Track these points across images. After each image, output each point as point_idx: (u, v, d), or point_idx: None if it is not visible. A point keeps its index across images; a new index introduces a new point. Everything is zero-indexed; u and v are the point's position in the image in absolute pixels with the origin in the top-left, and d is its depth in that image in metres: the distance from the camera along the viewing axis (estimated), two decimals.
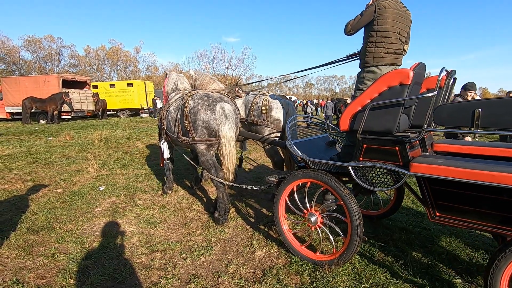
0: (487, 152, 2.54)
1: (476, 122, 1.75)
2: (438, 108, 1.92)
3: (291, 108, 4.11)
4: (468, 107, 1.78)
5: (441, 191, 2.07)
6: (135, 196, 4.27)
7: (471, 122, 1.77)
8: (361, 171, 2.31)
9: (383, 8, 2.54)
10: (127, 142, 9.64)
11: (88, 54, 38.15)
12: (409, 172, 2.03)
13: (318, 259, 2.57)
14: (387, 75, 2.14)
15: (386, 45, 2.62)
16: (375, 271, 2.47)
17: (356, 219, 2.32)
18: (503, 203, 1.84)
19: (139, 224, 3.39)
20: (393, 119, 2.12)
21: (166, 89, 4.33)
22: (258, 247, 2.92)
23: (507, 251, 1.73)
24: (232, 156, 3.26)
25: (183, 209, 3.86)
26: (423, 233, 3.18)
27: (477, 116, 1.74)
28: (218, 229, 3.28)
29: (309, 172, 2.60)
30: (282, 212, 2.83)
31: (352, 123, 2.34)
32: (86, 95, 19.25)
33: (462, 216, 2.03)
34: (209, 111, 3.22)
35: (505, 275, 1.76)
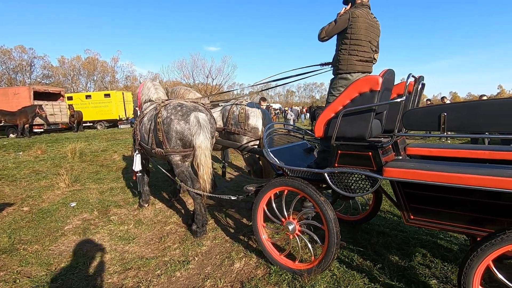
0: (458, 154, 2.63)
1: (442, 126, 1.80)
2: (407, 113, 1.96)
3: (267, 116, 4.11)
4: (435, 111, 1.82)
5: (414, 194, 2.10)
6: (109, 211, 4.07)
7: (438, 126, 1.82)
8: (336, 177, 2.31)
9: (356, 17, 2.61)
10: (103, 154, 9.29)
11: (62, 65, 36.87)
12: (382, 176, 2.05)
13: (297, 268, 2.52)
14: (357, 82, 2.17)
15: (359, 53, 2.68)
16: (353, 277, 2.46)
17: (332, 226, 2.31)
18: (472, 204, 1.88)
19: (112, 240, 3.22)
20: (365, 124, 2.15)
21: (141, 99, 4.21)
22: (237, 259, 2.84)
23: (478, 250, 1.77)
24: (208, 167, 3.19)
25: (160, 223, 3.72)
26: (400, 235, 3.22)
27: (443, 120, 1.79)
28: (196, 242, 3.17)
29: (285, 180, 2.58)
30: (261, 221, 2.78)
31: (326, 129, 2.35)
32: (60, 107, 18.51)
33: (435, 218, 2.07)
34: (182, 121, 3.15)
35: (477, 274, 1.78)
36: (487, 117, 1.67)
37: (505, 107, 1.62)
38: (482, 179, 1.68)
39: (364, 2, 2.72)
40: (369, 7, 2.75)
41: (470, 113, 1.73)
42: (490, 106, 1.67)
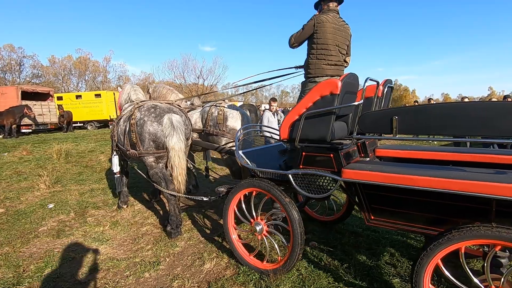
0: (426, 156, 2.70)
1: (394, 129, 1.85)
2: (362, 116, 2.01)
3: (246, 118, 4.14)
4: (387, 115, 1.88)
5: (374, 195, 2.15)
6: (86, 213, 4.06)
7: (391, 129, 1.87)
8: (300, 179, 2.35)
9: (321, 22, 2.67)
10: (89, 155, 9.24)
11: (53, 64, 36.41)
12: (341, 178, 2.10)
13: (264, 268, 2.56)
14: (319, 85, 2.22)
15: (327, 57, 2.74)
16: (319, 276, 2.51)
17: (297, 227, 2.35)
18: (427, 204, 1.94)
19: (86, 242, 3.22)
20: (326, 127, 2.19)
21: (120, 101, 4.22)
22: (208, 259, 2.87)
23: (428, 249, 1.82)
24: (182, 168, 3.21)
25: (136, 224, 3.73)
26: (372, 235, 3.28)
27: (395, 123, 1.84)
28: (169, 243, 3.19)
29: (253, 181, 2.62)
30: (231, 222, 2.81)
31: (291, 132, 2.40)
32: (49, 107, 18.31)
33: (393, 218, 2.12)
34: (155, 123, 3.17)
35: (427, 272, 1.84)
36: (433, 120, 1.73)
37: (450, 110, 1.68)
38: (429, 180, 1.74)
39: (331, 8, 2.78)
40: (337, 12, 2.81)
41: (418, 117, 1.78)
42: (437, 109, 1.73)
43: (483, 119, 1.59)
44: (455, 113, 1.66)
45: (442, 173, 1.77)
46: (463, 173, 1.76)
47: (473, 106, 1.62)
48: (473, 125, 1.62)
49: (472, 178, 1.66)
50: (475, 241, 1.68)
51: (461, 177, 1.68)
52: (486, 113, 1.58)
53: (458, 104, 1.68)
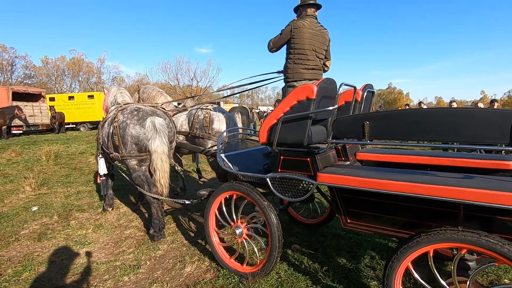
0: (406, 160, 2.73)
1: (366, 134, 1.88)
2: (336, 121, 2.04)
3: (232, 121, 4.16)
4: (359, 120, 1.91)
5: (350, 199, 2.18)
6: (70, 216, 4.03)
7: (363, 134, 1.90)
8: (277, 182, 2.37)
9: (298, 27, 2.71)
10: (79, 157, 9.17)
11: (46, 65, 36.04)
12: (316, 182, 2.12)
13: (244, 271, 2.57)
14: (295, 90, 2.25)
15: (304, 62, 2.77)
16: (297, 279, 2.52)
17: (275, 230, 2.37)
18: (399, 208, 1.98)
19: (67, 245, 3.20)
20: (302, 131, 2.21)
21: (106, 104, 4.20)
22: (189, 263, 2.86)
23: (398, 252, 1.85)
24: (164, 171, 3.21)
25: (120, 227, 3.71)
26: (354, 238, 3.31)
27: (367, 128, 1.87)
28: (152, 246, 3.18)
29: (233, 184, 2.63)
30: (212, 225, 2.82)
31: (269, 135, 2.42)
32: (41, 108, 18.13)
33: (368, 222, 2.15)
34: (138, 126, 3.17)
35: (398, 275, 1.87)
36: (401, 125, 1.76)
37: (416, 116, 1.72)
38: (397, 184, 1.77)
39: (308, 13, 2.83)
40: (315, 17, 2.85)
41: (387, 122, 1.81)
42: (404, 115, 1.76)
43: (447, 124, 1.63)
44: (420, 119, 1.70)
45: (412, 178, 1.80)
46: (432, 178, 1.79)
47: (437, 112, 1.66)
48: (437, 131, 1.66)
49: (440, 183, 1.69)
50: (443, 244, 1.71)
51: (429, 182, 1.71)
52: (449, 119, 1.62)
53: (423, 110, 1.72)
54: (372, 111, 2.22)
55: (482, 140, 1.57)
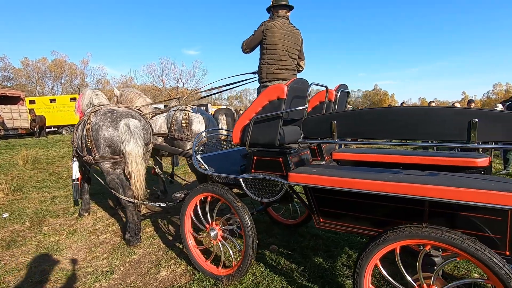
0: (380, 159, 2.76)
1: (333, 133, 1.89)
2: (305, 120, 2.04)
3: (211, 122, 4.13)
4: (327, 119, 1.91)
5: (322, 198, 2.18)
6: (43, 222, 3.89)
7: (330, 133, 1.91)
8: (251, 183, 2.36)
9: (269, 28, 2.72)
10: (59, 161, 8.92)
11: (26, 67, 34.91)
12: (287, 182, 2.11)
13: (219, 274, 2.54)
14: (266, 90, 2.24)
15: (277, 62, 2.78)
16: (273, 280, 2.51)
17: (249, 232, 2.35)
18: (368, 206, 1.99)
19: (38, 252, 3.08)
20: (274, 131, 2.21)
21: (81, 107, 4.08)
22: (165, 267, 2.81)
23: (366, 250, 1.86)
24: (139, 174, 3.14)
25: (96, 232, 3.61)
26: (332, 237, 3.33)
27: (334, 127, 1.88)
28: (127, 251, 3.10)
29: (208, 186, 2.60)
30: (188, 228, 2.78)
31: (242, 136, 2.40)
32: (20, 111, 17.55)
33: (340, 221, 2.16)
34: (111, 128, 3.09)
35: (367, 273, 1.88)
36: (367, 124, 1.78)
37: (381, 115, 1.74)
38: (364, 183, 1.78)
39: (280, 14, 2.84)
40: (286, 18, 2.87)
41: (354, 121, 1.83)
42: (369, 114, 1.78)
43: (409, 123, 1.65)
44: (384, 118, 1.72)
45: (378, 176, 1.82)
46: (398, 176, 1.82)
47: (399, 111, 1.68)
48: (400, 129, 1.68)
49: (404, 180, 1.71)
50: (408, 241, 1.73)
51: (394, 180, 1.73)
52: (411, 117, 1.64)
53: (386, 109, 1.74)
54: (339, 111, 2.23)
55: (443, 137, 1.60)
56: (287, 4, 2.86)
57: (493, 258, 1.48)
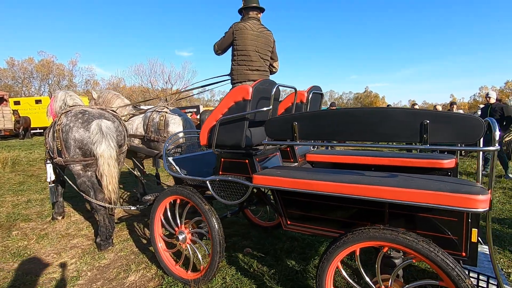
0: (353, 161, 2.77)
1: (295, 134, 1.88)
2: (267, 122, 2.02)
3: (188, 124, 4.08)
4: (288, 120, 1.90)
5: (288, 200, 2.16)
6: (13, 226, 3.78)
7: (292, 134, 1.89)
8: (217, 185, 2.33)
9: (239, 29, 2.70)
10: (40, 164, 8.71)
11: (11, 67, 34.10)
12: (252, 184, 2.09)
13: (188, 278, 2.49)
14: (232, 91, 2.22)
15: (248, 63, 2.76)
16: (242, 283, 2.48)
17: (216, 235, 2.31)
18: (331, 208, 1.98)
19: (3, 258, 2.98)
20: (240, 132, 2.18)
21: (54, 109, 3.96)
22: (134, 271, 2.75)
23: (327, 252, 1.85)
24: (112, 176, 3.07)
25: (68, 236, 3.52)
26: (308, 239, 3.32)
27: (295, 129, 1.87)
28: (98, 256, 3.03)
29: (176, 188, 2.56)
30: (158, 231, 2.73)
31: (209, 137, 2.37)
32: (3, 112, 17.14)
33: (306, 223, 2.14)
34: (82, 129, 3.02)
35: (328, 275, 1.86)
36: (327, 126, 1.77)
37: (340, 116, 1.73)
38: (323, 184, 1.77)
39: (251, 16, 2.84)
40: (257, 19, 2.86)
41: (314, 122, 1.82)
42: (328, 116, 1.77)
43: (367, 124, 1.65)
44: (342, 120, 1.71)
45: (339, 178, 1.81)
46: (358, 177, 1.81)
47: (357, 112, 1.68)
48: (358, 131, 1.68)
49: (363, 182, 1.71)
50: (367, 243, 1.72)
51: (353, 181, 1.73)
52: (368, 118, 1.64)
53: (344, 110, 1.74)
54: (301, 112, 2.22)
55: (398, 138, 1.60)
56: (257, 6, 2.85)
57: (446, 259, 1.48)
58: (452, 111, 5.79)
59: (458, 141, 1.44)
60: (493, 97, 6.56)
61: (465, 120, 1.40)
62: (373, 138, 1.69)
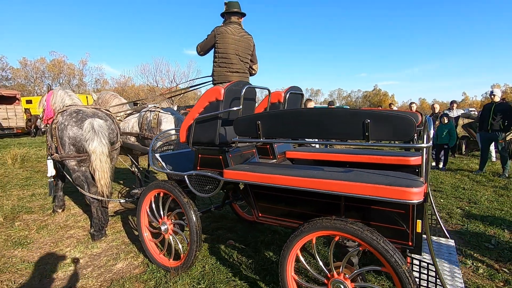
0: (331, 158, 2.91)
1: (259, 132, 2.03)
2: (235, 120, 2.18)
3: (180, 122, 4.26)
4: (253, 119, 2.05)
5: (259, 194, 2.32)
6: (17, 218, 4.05)
7: (256, 133, 2.05)
8: (194, 179, 2.50)
9: (221, 33, 2.87)
10: None
11: (24, 67, 35.24)
12: (223, 178, 2.26)
13: (169, 266, 2.68)
14: (207, 92, 2.38)
15: (228, 65, 2.92)
16: (219, 271, 2.66)
17: (193, 225, 2.49)
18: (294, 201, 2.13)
19: (4, 246, 3.23)
20: (214, 131, 2.35)
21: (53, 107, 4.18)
22: (123, 259, 2.96)
23: (288, 241, 2.01)
24: (104, 171, 3.28)
25: (65, 228, 3.76)
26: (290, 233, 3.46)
27: (259, 127, 2.02)
28: (91, 245, 3.25)
29: (159, 183, 2.74)
30: (144, 222, 2.92)
31: (187, 135, 2.54)
32: (16, 111, 17.72)
33: (274, 215, 2.30)
34: (75, 127, 3.24)
35: (289, 262, 2.02)
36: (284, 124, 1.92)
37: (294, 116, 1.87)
38: (284, 178, 1.92)
39: (232, 20, 2.99)
40: (238, 24, 3.02)
41: (274, 122, 1.97)
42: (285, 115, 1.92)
43: (319, 123, 1.79)
44: (298, 119, 1.85)
45: (299, 172, 1.95)
46: (317, 172, 1.95)
47: (309, 112, 1.82)
48: (312, 129, 1.82)
49: (319, 176, 1.85)
50: (321, 232, 1.87)
51: (309, 176, 1.87)
52: (320, 118, 1.78)
53: (298, 110, 1.88)
54: (264, 111, 2.37)
55: (347, 137, 1.74)
56: (239, 11, 3.00)
57: (386, 247, 1.62)
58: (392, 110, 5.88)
59: (395, 139, 1.57)
60: (497, 95, 6.53)
61: (399, 119, 1.53)
62: (326, 136, 1.82)
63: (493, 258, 2.95)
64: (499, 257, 2.97)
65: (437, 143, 7.11)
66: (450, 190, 5.30)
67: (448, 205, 4.51)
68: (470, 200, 4.73)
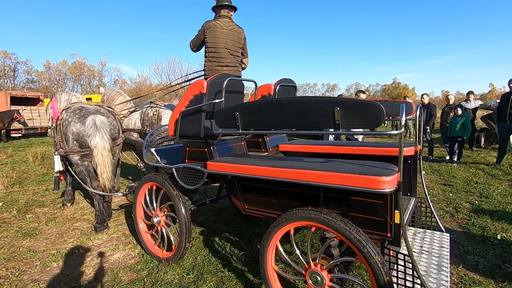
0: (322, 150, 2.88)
1: (237, 124, 2.03)
2: (216, 112, 2.19)
3: None
4: (231, 111, 2.06)
5: (245, 186, 2.34)
6: (29, 211, 4.28)
7: (235, 124, 2.05)
8: (181, 171, 2.55)
9: (209, 27, 2.88)
10: None
11: (48, 70, 37.02)
12: (207, 170, 2.28)
13: (163, 257, 2.76)
14: (191, 86, 2.41)
15: (217, 60, 2.94)
16: (210, 262, 2.70)
17: (182, 218, 2.54)
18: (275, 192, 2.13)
19: (15, 236, 3.44)
20: (198, 123, 2.38)
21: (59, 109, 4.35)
22: (121, 250, 3.07)
23: (267, 232, 2.01)
24: (105, 166, 3.40)
25: (72, 220, 3.94)
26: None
27: (237, 119, 2.02)
28: (93, 237, 3.39)
29: (152, 176, 2.82)
30: (140, 214, 3.01)
31: (175, 128, 2.59)
32: (39, 112, 18.62)
33: (258, 206, 2.30)
34: (78, 123, 3.38)
35: (269, 252, 2.02)
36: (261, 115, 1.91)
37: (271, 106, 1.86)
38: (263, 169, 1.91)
39: (222, 14, 3.00)
40: (229, 17, 3.01)
41: (252, 113, 1.96)
42: (262, 106, 1.91)
43: (294, 113, 1.77)
44: (273, 109, 1.84)
45: (278, 163, 1.95)
46: (297, 163, 1.93)
47: (283, 102, 1.80)
48: (287, 119, 1.80)
49: (296, 167, 1.84)
50: (298, 223, 1.86)
51: (287, 166, 1.86)
52: (294, 107, 1.76)
53: (272, 100, 1.86)
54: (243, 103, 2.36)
55: (318, 125, 1.71)
56: (229, 4, 3.00)
57: (359, 237, 1.59)
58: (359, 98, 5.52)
59: (364, 126, 1.53)
60: None
61: (368, 107, 1.49)
62: (301, 125, 1.80)
63: (496, 253, 2.81)
64: (503, 252, 2.83)
65: (450, 135, 6.81)
66: (461, 184, 5.09)
67: (456, 199, 4.33)
68: (481, 194, 4.52)
